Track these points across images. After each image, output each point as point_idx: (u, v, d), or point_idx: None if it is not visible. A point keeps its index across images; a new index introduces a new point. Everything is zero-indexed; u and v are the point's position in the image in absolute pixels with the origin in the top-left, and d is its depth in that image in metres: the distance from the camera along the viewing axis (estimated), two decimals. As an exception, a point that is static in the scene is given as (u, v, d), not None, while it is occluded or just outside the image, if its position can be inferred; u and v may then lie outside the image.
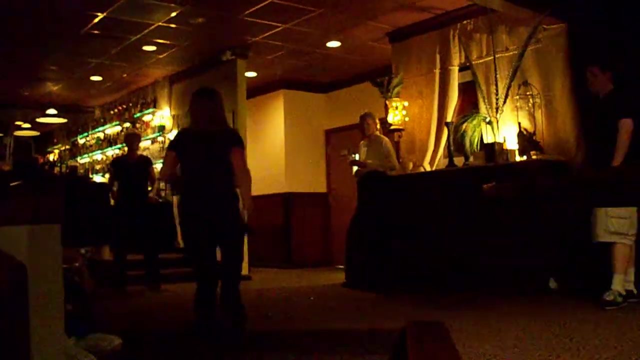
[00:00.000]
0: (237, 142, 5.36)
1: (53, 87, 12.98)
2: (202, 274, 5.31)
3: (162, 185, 11.93)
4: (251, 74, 11.57)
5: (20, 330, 2.51)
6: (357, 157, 8.47)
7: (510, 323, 5.08)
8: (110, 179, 8.81)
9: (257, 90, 12.49)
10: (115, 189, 8.72)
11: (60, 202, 2.98)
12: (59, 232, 2.89)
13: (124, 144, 9.16)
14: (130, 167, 8.67)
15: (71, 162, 15.60)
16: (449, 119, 8.72)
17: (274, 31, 9.62)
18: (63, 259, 3.04)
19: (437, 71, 9.09)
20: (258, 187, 9.10)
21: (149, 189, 8.90)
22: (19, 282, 2.53)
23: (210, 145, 5.26)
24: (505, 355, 3.92)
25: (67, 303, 4.59)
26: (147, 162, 9.08)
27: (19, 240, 2.68)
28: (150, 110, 12.63)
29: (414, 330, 4.67)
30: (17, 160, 9.69)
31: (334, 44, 10.32)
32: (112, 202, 8.77)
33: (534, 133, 7.73)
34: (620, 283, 5.69)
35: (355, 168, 8.52)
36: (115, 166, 8.75)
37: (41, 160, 15.11)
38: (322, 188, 12.82)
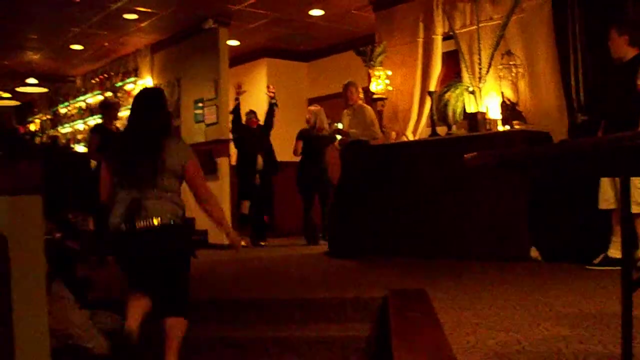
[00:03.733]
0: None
1: (33, 56, 12.83)
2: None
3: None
4: (233, 43, 11.50)
5: (2, 302, 2.50)
6: (340, 126, 8.46)
7: (490, 291, 5.12)
8: (94, 147, 8.53)
9: (240, 58, 12.42)
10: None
11: (41, 172, 2.95)
12: (40, 203, 2.88)
13: (103, 113, 8.90)
14: (113, 136, 8.57)
15: (52, 132, 15.49)
16: (432, 89, 8.72)
17: (256, -1, 9.55)
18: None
19: (421, 40, 9.05)
20: (241, 157, 9.13)
21: None
22: (0, 254, 2.52)
23: None
24: (485, 324, 3.95)
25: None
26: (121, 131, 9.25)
27: (-1, 212, 2.66)
28: (132, 79, 12.53)
29: (396, 298, 4.73)
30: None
31: (317, 12, 10.25)
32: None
33: (517, 103, 7.73)
34: None
35: (338, 137, 8.51)
36: (99, 134, 8.56)
37: (22, 130, 14.99)
38: (305, 157, 12.80)
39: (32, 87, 14.15)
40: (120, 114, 10.40)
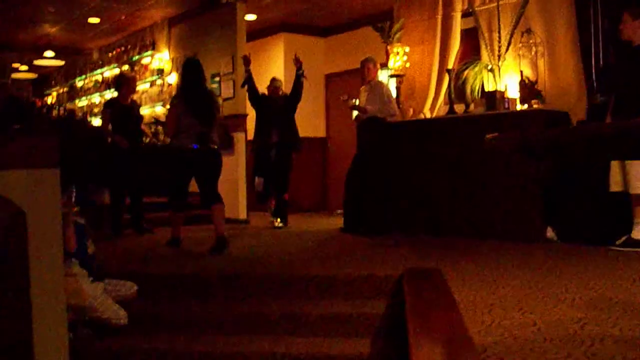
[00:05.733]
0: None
1: (50, 29, 12.82)
2: None
3: (160, 128, 11.90)
4: (251, 17, 11.43)
5: (20, 276, 2.51)
6: (357, 102, 8.42)
7: (505, 271, 5.11)
8: (105, 121, 8.58)
9: (257, 33, 12.35)
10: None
11: (58, 145, 2.95)
12: (57, 177, 2.88)
13: (118, 87, 8.87)
14: (127, 110, 8.58)
15: (69, 105, 15.52)
16: (450, 66, 8.66)
17: (274, -27, 9.48)
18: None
19: (440, 17, 8.97)
20: (257, 132, 9.06)
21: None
22: (19, 228, 2.52)
23: None
24: (500, 304, 3.95)
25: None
26: (137, 105, 9.21)
27: (17, 185, 2.66)
28: (149, 52, 12.51)
29: (411, 277, 4.72)
30: (15, 103, 9.55)
31: (335, -14, 10.18)
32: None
33: (536, 82, 7.67)
34: None
35: (355, 113, 8.47)
36: (112, 108, 8.58)
37: (39, 104, 15.04)
38: (321, 133, 12.78)
39: (49, 60, 14.16)
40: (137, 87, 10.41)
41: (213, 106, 7.22)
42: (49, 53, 13.87)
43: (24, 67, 15.62)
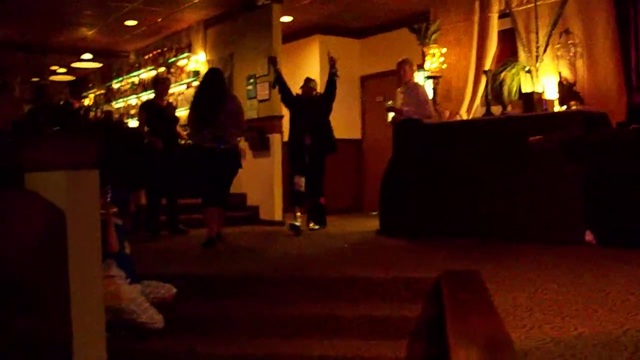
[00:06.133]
0: None
1: (88, 32, 12.96)
2: None
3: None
4: (286, 19, 11.43)
5: (60, 276, 2.52)
6: (393, 103, 8.38)
7: (544, 275, 5.04)
8: (141, 123, 8.71)
9: (292, 35, 12.35)
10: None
11: (97, 147, 2.97)
12: (97, 178, 2.89)
13: (154, 88, 9.03)
14: (163, 112, 8.66)
15: (106, 107, 15.68)
16: (487, 67, 8.59)
17: (310, -25, 9.47)
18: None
19: (476, 18, 8.91)
20: (293, 133, 9.02)
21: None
22: (59, 228, 2.54)
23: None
24: (540, 308, 3.89)
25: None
26: (173, 107, 9.27)
27: (57, 186, 2.68)
28: (185, 55, 12.58)
29: (449, 279, 4.68)
30: (53, 104, 9.68)
31: (371, -12, 10.15)
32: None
33: (575, 83, 7.58)
34: None
35: (391, 115, 8.44)
36: (147, 110, 8.68)
37: (76, 105, 15.21)
38: (356, 134, 12.76)
39: (86, 62, 14.32)
40: (171, 90, 10.51)
41: (219, 110, 7.45)
42: (87, 55, 14.02)
43: (62, 70, 15.81)
